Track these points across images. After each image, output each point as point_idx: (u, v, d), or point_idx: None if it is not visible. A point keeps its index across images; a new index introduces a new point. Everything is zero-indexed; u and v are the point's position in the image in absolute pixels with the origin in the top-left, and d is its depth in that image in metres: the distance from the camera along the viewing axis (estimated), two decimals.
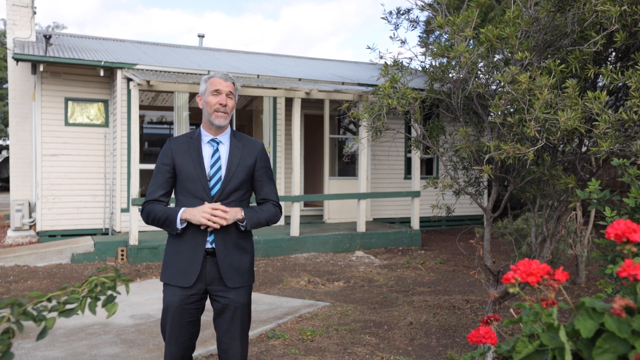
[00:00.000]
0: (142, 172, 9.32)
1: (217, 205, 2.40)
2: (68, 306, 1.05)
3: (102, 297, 1.11)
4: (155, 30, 69.59)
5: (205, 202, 2.43)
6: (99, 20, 67.22)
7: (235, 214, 2.44)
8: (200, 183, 2.47)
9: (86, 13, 67.01)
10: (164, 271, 2.54)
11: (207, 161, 2.52)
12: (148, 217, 2.52)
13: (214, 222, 2.37)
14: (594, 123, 2.75)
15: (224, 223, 2.40)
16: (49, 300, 1.04)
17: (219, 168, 2.52)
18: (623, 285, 2.32)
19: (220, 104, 2.50)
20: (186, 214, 2.41)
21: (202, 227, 2.43)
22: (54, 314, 1.04)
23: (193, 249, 2.46)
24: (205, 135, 2.57)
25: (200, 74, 9.91)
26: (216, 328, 2.58)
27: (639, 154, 2.72)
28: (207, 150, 2.54)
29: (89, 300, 1.07)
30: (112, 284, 1.10)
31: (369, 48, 3.95)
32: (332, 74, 11.95)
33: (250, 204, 2.63)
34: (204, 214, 2.37)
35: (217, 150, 2.55)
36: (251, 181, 2.60)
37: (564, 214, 3.77)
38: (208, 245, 2.48)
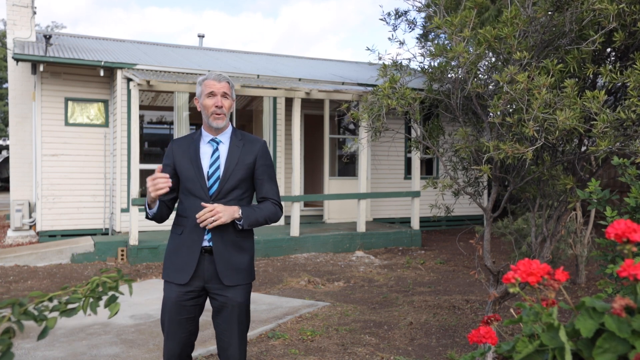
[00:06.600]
0: (142, 172, 9.30)
1: (157, 173, 2.39)
2: (70, 306, 1.05)
3: (104, 298, 1.11)
4: (153, 29, 69.57)
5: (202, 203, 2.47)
6: (93, 19, 67.09)
7: (233, 212, 2.44)
8: (199, 182, 2.51)
9: (80, 11, 66.82)
10: (164, 268, 2.60)
11: (207, 161, 2.55)
12: (147, 214, 2.62)
13: (158, 189, 2.34)
14: (592, 122, 2.75)
15: (166, 190, 2.36)
16: (50, 300, 1.04)
17: (218, 167, 2.55)
18: (623, 285, 2.32)
19: (217, 106, 2.52)
20: (148, 196, 2.46)
21: (200, 225, 2.42)
22: (55, 314, 1.04)
23: (190, 247, 2.51)
24: (206, 136, 2.61)
25: (200, 74, 9.90)
26: (215, 326, 2.61)
27: (638, 153, 2.72)
28: (207, 150, 2.58)
29: (90, 300, 1.07)
30: (114, 284, 1.10)
31: (369, 49, 3.97)
32: (332, 74, 11.95)
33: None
34: (148, 187, 2.38)
35: (216, 149, 2.58)
36: (252, 180, 2.62)
37: (564, 214, 3.77)
38: (205, 244, 2.51)
